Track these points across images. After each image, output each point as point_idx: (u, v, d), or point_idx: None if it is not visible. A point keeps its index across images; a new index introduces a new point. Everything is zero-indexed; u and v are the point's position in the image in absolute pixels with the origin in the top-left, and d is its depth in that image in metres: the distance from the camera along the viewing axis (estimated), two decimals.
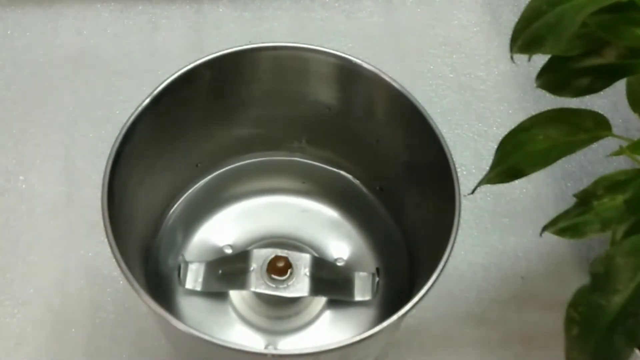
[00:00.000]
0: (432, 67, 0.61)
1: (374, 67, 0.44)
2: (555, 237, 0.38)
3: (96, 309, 0.50)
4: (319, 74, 0.46)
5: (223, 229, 0.49)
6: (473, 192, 0.41)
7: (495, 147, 0.40)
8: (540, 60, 0.39)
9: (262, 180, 0.52)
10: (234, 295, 0.47)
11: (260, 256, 0.45)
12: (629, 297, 0.30)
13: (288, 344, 0.46)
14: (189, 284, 0.46)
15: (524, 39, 0.36)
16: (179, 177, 0.49)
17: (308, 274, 0.45)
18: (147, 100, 0.42)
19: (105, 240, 0.37)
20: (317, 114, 0.48)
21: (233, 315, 0.46)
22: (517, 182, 0.45)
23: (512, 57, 0.37)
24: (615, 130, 0.38)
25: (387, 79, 0.43)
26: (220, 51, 0.43)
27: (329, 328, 0.46)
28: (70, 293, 0.50)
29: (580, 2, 0.34)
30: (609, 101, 0.57)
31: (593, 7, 0.33)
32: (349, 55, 0.44)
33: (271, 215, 0.50)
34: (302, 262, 0.45)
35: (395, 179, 0.48)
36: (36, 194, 0.54)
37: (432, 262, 0.38)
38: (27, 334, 0.49)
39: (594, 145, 0.38)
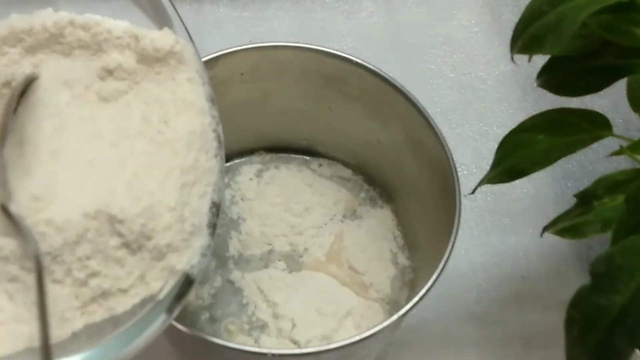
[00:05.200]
0: (432, 66, 0.61)
1: (374, 67, 0.44)
2: (556, 237, 0.38)
3: None
4: (319, 73, 0.45)
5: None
6: (473, 191, 0.41)
7: (496, 146, 0.40)
8: (540, 60, 0.38)
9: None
10: None
11: None
12: (630, 297, 0.30)
13: None
14: None
15: (525, 39, 0.36)
16: None
17: None
18: None
19: None
20: (318, 114, 0.48)
21: None
22: (517, 182, 0.45)
23: (512, 57, 0.37)
24: (615, 130, 0.38)
25: (387, 78, 0.43)
26: (220, 51, 0.43)
27: None
28: None
29: (580, 2, 0.34)
30: (609, 101, 0.57)
31: (593, 7, 0.33)
32: (349, 55, 0.44)
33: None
34: None
35: (396, 179, 0.48)
36: None
37: (432, 262, 0.38)
38: None
39: (594, 145, 0.38)
